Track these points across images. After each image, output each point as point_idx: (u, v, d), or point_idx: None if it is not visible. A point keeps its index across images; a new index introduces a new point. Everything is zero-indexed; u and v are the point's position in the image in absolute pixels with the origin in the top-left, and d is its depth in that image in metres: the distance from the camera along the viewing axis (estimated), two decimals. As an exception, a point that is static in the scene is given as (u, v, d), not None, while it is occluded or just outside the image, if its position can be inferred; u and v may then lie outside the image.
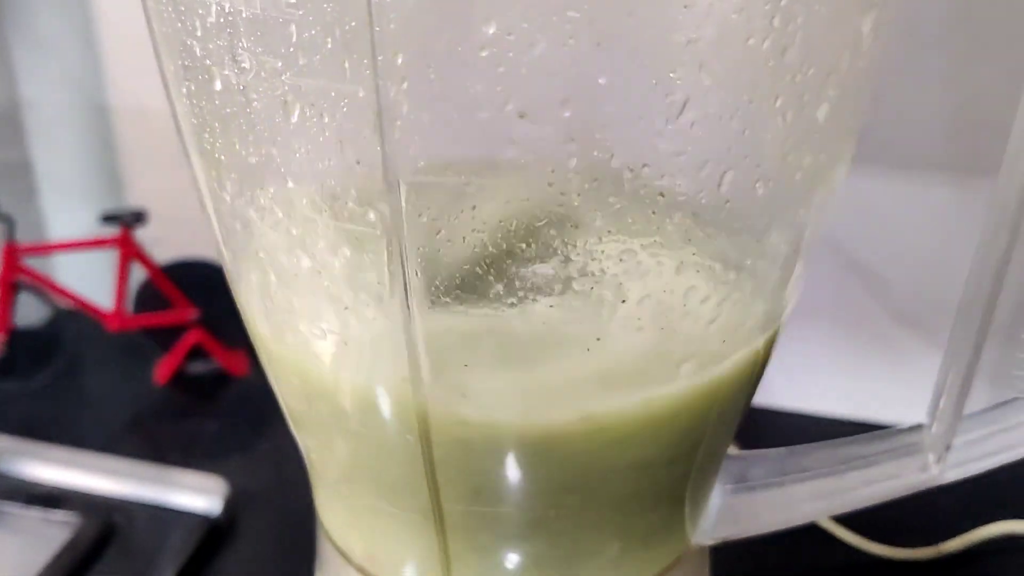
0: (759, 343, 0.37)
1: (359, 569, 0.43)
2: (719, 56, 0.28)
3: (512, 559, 0.40)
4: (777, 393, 0.86)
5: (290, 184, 0.31)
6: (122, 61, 0.95)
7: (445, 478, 0.36)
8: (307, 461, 0.44)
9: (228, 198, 0.35)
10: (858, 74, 0.33)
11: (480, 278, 0.31)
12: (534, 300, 0.31)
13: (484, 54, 0.27)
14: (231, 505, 0.72)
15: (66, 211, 1.04)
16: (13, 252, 0.85)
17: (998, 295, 0.38)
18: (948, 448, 0.42)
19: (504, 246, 0.30)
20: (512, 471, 0.36)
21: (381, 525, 0.41)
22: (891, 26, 0.33)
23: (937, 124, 0.73)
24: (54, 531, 0.69)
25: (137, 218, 0.87)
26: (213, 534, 0.70)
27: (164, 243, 0.90)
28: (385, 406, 0.35)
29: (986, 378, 0.40)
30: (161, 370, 0.91)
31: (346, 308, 0.33)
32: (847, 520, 0.69)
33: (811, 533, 0.68)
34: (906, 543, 0.67)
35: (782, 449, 0.45)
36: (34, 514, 0.71)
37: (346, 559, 0.43)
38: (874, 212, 0.79)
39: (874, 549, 0.67)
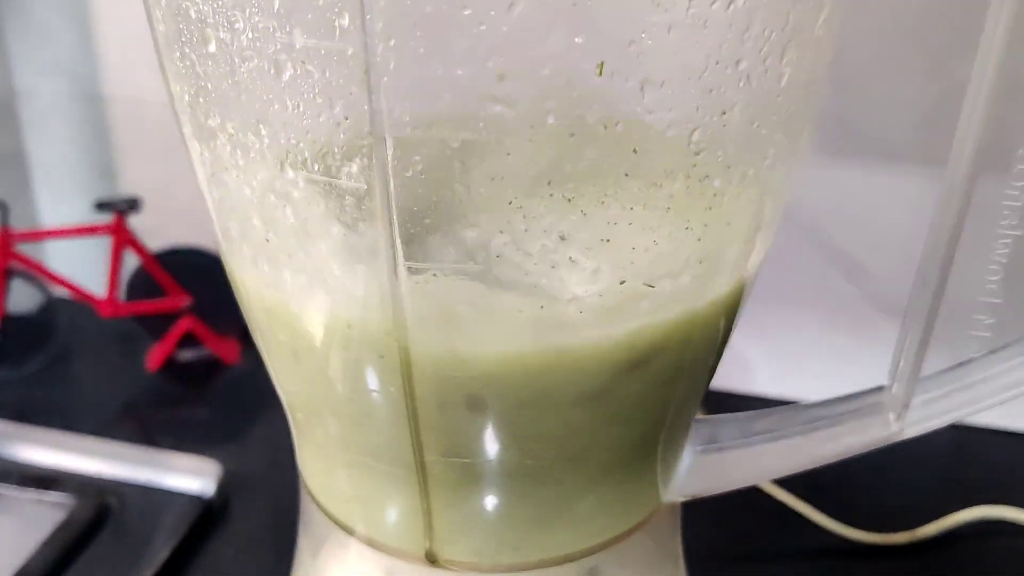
0: (720, 306, 0.39)
1: (342, 526, 0.44)
2: (686, 18, 0.29)
3: (491, 511, 0.40)
4: (759, 380, 0.88)
5: (281, 141, 0.32)
6: (116, 50, 0.96)
7: (427, 431, 0.37)
8: (291, 420, 0.45)
9: (219, 161, 0.36)
10: (819, 42, 0.34)
11: (463, 232, 0.32)
12: (511, 253, 0.32)
13: (467, 12, 0.28)
14: (224, 487, 0.73)
15: (59, 199, 1.04)
16: (7, 239, 0.86)
17: (951, 261, 0.39)
18: (907, 407, 0.43)
19: (485, 201, 0.31)
20: (492, 421, 0.37)
21: (364, 480, 0.42)
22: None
23: (915, 117, 0.74)
24: (49, 512, 0.70)
25: (131, 206, 0.88)
26: (206, 515, 0.71)
27: (157, 231, 0.91)
28: (370, 360, 0.36)
29: (944, 339, 0.42)
30: (153, 357, 0.92)
31: (332, 263, 0.34)
32: (824, 505, 0.69)
33: (788, 517, 0.70)
34: (882, 527, 0.68)
35: (750, 412, 0.46)
36: (29, 495, 0.72)
37: (329, 517, 0.44)
38: (856, 202, 0.80)
39: (850, 533, 0.68)
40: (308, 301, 0.36)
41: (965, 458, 0.77)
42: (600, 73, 0.29)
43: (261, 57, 0.31)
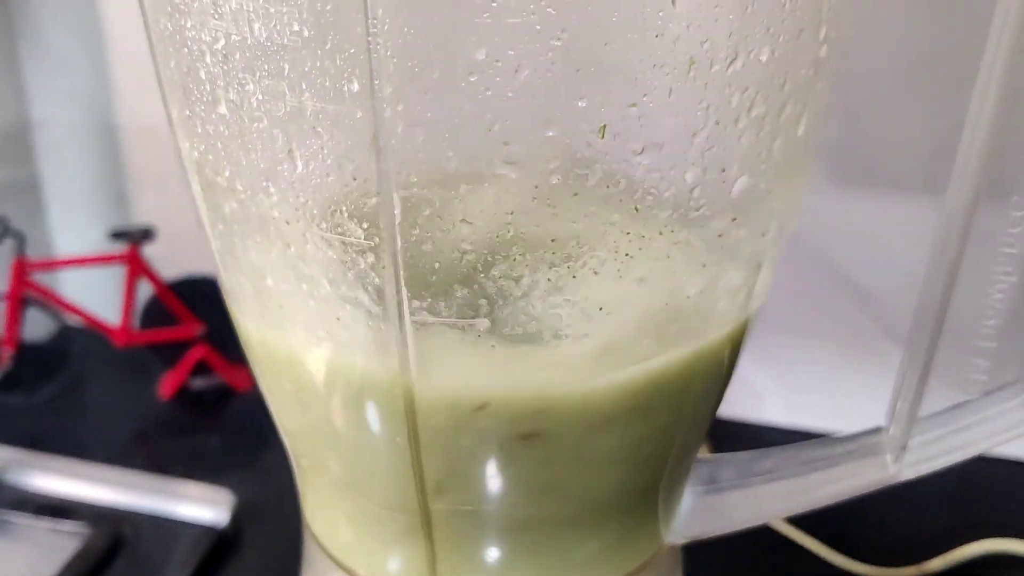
0: (723, 345, 0.39)
1: (345, 569, 0.44)
2: (687, 80, 0.30)
3: (495, 556, 0.41)
4: (769, 408, 0.88)
5: (289, 200, 0.33)
6: (132, 80, 0.96)
7: (432, 479, 0.38)
8: (296, 466, 0.45)
9: (227, 215, 0.36)
10: (818, 96, 0.35)
11: (468, 287, 0.32)
12: (515, 306, 0.33)
13: (473, 79, 0.28)
14: (237, 516, 0.72)
15: (74, 228, 1.05)
16: (22, 267, 0.87)
17: (948, 304, 0.40)
18: (905, 448, 0.43)
19: (489, 258, 0.32)
20: (496, 469, 0.37)
21: (368, 525, 0.42)
22: (847, 52, 0.36)
23: (925, 148, 0.75)
24: (63, 541, 0.70)
25: (145, 235, 0.89)
26: (220, 545, 0.71)
27: (170, 260, 0.91)
28: (375, 409, 0.37)
29: (941, 382, 0.42)
30: (166, 385, 0.92)
31: (339, 316, 0.35)
32: (830, 539, 0.69)
33: (793, 552, 0.69)
34: (889, 562, 0.67)
35: (749, 452, 0.46)
36: (43, 525, 0.72)
37: (333, 560, 0.44)
38: (866, 232, 0.81)
39: (856, 568, 0.67)
40: (314, 352, 0.37)
41: (974, 490, 0.75)
42: (602, 136, 0.30)
43: (271, 119, 0.32)
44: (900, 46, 0.73)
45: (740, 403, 0.88)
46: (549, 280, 0.32)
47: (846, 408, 0.79)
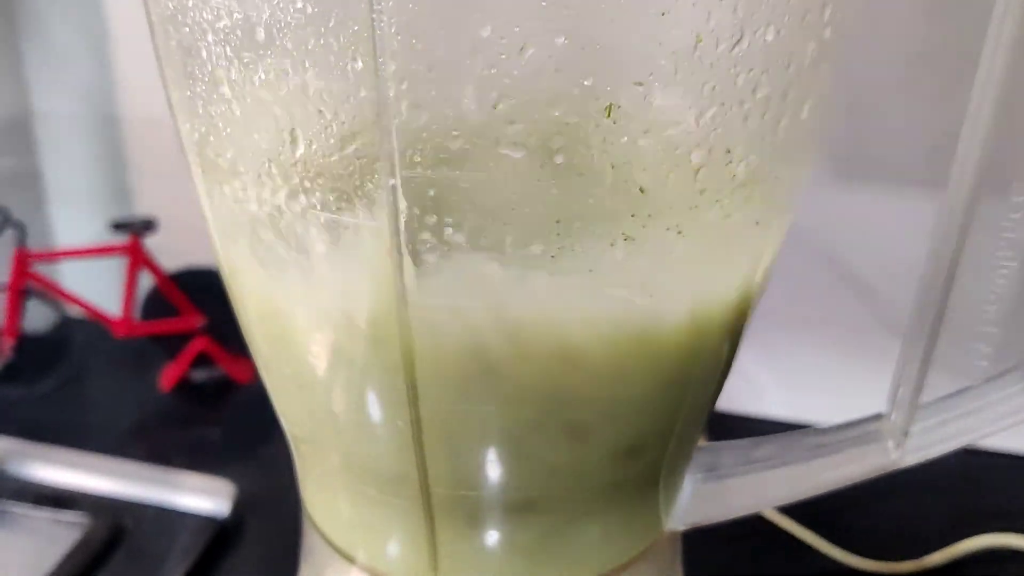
0: (723, 328, 0.39)
1: (344, 555, 0.43)
2: (692, 60, 0.29)
3: (495, 541, 0.40)
4: (769, 403, 0.88)
5: (293, 180, 0.32)
6: (133, 72, 0.96)
7: (434, 463, 0.37)
8: (296, 452, 0.45)
9: (227, 197, 0.36)
10: (823, 80, 0.34)
11: (471, 267, 0.32)
12: (522, 289, 0.32)
13: (478, 56, 0.28)
14: (239, 507, 0.72)
15: (75, 219, 1.04)
16: (23, 258, 0.86)
17: (950, 290, 0.40)
18: (906, 435, 0.43)
19: (496, 238, 0.31)
20: (499, 452, 0.37)
21: (369, 511, 0.42)
22: (850, 41, 0.36)
23: (927, 141, 0.74)
24: (64, 532, 0.70)
25: (147, 226, 0.88)
26: (221, 536, 0.70)
27: (172, 251, 0.91)
28: (377, 392, 0.36)
29: (943, 368, 0.42)
30: (167, 376, 0.92)
31: (341, 296, 0.34)
32: (829, 532, 0.68)
33: (792, 546, 0.69)
34: (888, 556, 0.67)
35: (749, 439, 0.46)
36: (44, 515, 0.72)
37: (333, 548, 0.44)
38: (867, 226, 0.80)
39: (855, 562, 0.67)
40: (315, 334, 0.36)
41: (973, 484, 0.75)
42: (609, 115, 0.30)
43: (274, 98, 0.31)
44: (901, 39, 0.73)
45: (739, 396, 0.87)
46: (555, 261, 0.32)
47: (846, 402, 0.79)
